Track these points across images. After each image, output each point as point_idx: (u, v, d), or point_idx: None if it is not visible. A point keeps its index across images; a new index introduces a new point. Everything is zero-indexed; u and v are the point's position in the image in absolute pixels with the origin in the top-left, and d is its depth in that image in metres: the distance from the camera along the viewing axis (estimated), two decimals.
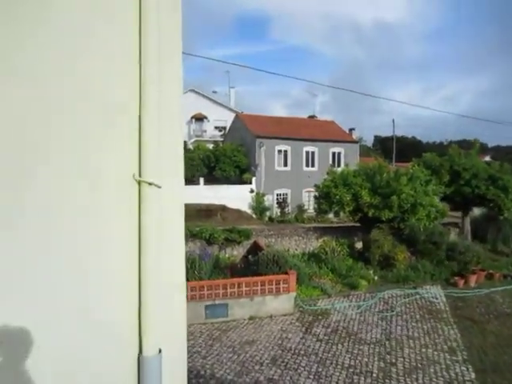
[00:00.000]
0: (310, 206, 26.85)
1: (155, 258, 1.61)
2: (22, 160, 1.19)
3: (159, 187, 1.62)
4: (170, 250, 1.82)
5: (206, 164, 26.77)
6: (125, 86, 1.52)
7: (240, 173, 27.21)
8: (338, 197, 17.38)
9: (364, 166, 19.04)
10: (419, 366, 9.55)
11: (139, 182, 1.60)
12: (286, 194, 27.69)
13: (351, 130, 32.22)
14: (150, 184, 1.59)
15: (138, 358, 1.62)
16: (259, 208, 25.69)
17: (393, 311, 13.06)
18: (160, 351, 1.64)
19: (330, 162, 28.08)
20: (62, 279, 1.34)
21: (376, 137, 54.52)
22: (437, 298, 14.41)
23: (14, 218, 1.18)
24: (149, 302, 1.61)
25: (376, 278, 15.92)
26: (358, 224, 19.19)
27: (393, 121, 36.13)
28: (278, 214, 26.22)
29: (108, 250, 1.52)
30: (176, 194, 1.87)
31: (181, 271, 1.95)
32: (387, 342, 10.77)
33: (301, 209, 26.46)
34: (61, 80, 1.31)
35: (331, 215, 22.12)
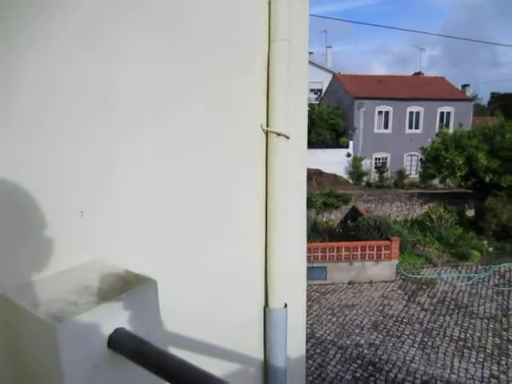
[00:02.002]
0: (412, 171, 25.06)
1: (281, 211, 1.57)
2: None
3: (288, 138, 1.54)
4: (294, 203, 1.77)
5: None
6: (254, 40, 1.46)
7: (336, 136, 26.32)
8: (448, 160, 15.84)
9: (482, 126, 16.93)
10: None
11: (267, 133, 1.54)
12: (386, 158, 26.12)
13: (464, 86, 28.71)
14: (278, 135, 1.52)
15: (265, 310, 1.65)
16: (356, 173, 24.73)
17: (511, 286, 11.80)
18: (286, 306, 1.64)
19: (438, 122, 25.57)
20: (192, 228, 1.36)
21: (493, 93, 47.93)
22: None
23: (145, 162, 1.20)
24: (275, 255, 1.61)
25: (490, 249, 14.45)
26: (469, 190, 17.42)
27: None
28: (376, 179, 25.00)
29: (234, 202, 1.52)
30: (301, 145, 1.80)
31: (303, 227, 1.91)
32: (504, 319, 9.84)
33: (401, 174, 24.81)
34: (196, 35, 1.29)
35: (436, 181, 20.41)
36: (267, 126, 1.53)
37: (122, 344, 0.83)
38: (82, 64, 0.98)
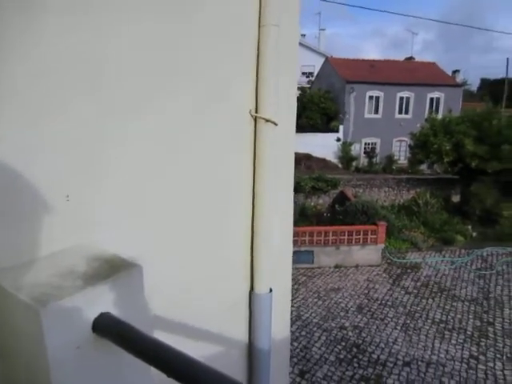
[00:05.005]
0: (401, 157, 25.27)
1: (268, 196, 1.58)
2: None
3: (276, 124, 1.54)
4: (281, 189, 1.78)
5: None
6: (243, 25, 1.44)
7: (327, 121, 26.28)
8: (436, 146, 16.00)
9: (470, 112, 17.06)
10: None
11: (255, 119, 1.53)
12: (375, 143, 26.24)
13: (455, 72, 28.73)
14: (266, 121, 1.52)
15: (250, 294, 1.67)
16: (346, 157, 24.84)
17: (492, 270, 12.14)
18: (271, 290, 1.67)
19: (428, 108, 25.69)
20: (178, 211, 1.36)
21: (483, 80, 48.23)
22: None
23: (136, 141, 1.18)
24: (261, 241, 1.61)
25: (474, 234, 14.78)
26: (456, 176, 17.68)
27: (507, 60, 31.30)
28: (366, 164, 25.16)
29: (222, 186, 1.52)
30: (290, 131, 1.79)
31: (290, 213, 1.92)
32: (485, 301, 10.15)
33: (390, 159, 25.02)
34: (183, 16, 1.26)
35: (423, 166, 20.64)
36: (256, 112, 1.53)
37: (106, 328, 0.84)
38: (70, 39, 0.96)
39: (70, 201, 1.02)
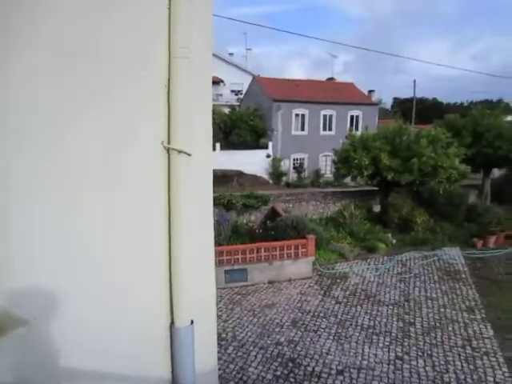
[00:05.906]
0: (327, 171, 26.65)
1: (185, 227, 1.61)
2: (54, 117, 1.16)
3: (189, 155, 1.59)
4: (200, 218, 1.81)
5: (221, 129, 26.52)
6: (153, 52, 1.47)
7: (256, 138, 26.92)
8: (356, 161, 17.15)
9: (384, 129, 18.59)
10: (438, 325, 9.74)
11: (168, 150, 1.57)
12: (303, 159, 27.42)
13: (370, 91, 31.20)
14: (179, 152, 1.56)
15: (170, 328, 1.65)
16: (276, 173, 25.61)
17: (411, 273, 13.16)
18: (192, 322, 1.67)
19: (348, 125, 27.52)
20: (93, 248, 1.35)
21: (395, 99, 52.96)
22: (455, 260, 14.44)
23: (45, 179, 1.17)
24: (180, 273, 1.61)
25: (394, 241, 15.95)
26: (376, 188, 19.04)
27: (414, 81, 34.54)
28: (295, 178, 26.14)
29: (137, 220, 1.52)
30: (205, 161, 1.83)
31: (210, 242, 1.94)
32: (406, 303, 10.94)
33: (318, 173, 26.31)
34: (95, 37, 1.27)
35: (348, 179, 21.99)
36: (169, 143, 1.55)
37: None
38: None
39: None
